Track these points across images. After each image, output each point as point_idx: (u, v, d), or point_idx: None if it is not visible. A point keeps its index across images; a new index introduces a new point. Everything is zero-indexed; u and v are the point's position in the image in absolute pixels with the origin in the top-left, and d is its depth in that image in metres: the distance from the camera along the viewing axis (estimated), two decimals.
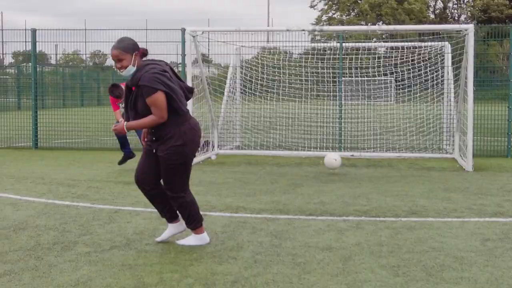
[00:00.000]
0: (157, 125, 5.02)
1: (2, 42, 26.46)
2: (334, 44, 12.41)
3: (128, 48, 4.99)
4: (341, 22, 60.79)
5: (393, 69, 13.27)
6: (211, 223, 6.26)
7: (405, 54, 13.24)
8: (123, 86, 9.64)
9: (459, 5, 66.36)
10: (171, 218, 5.46)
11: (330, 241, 5.54)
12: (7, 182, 8.90)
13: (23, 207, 7.08)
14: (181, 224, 5.48)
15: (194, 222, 5.35)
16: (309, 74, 13.13)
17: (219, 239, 5.59)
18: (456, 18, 65.56)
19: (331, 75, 12.97)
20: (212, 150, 12.46)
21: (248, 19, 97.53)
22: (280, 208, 7.07)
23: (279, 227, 6.08)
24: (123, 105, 10.17)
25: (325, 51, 12.31)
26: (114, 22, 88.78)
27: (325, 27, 10.96)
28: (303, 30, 10.24)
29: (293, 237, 5.67)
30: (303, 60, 13.14)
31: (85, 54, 23.18)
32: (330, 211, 6.89)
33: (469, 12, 62.55)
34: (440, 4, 66.94)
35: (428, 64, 13.21)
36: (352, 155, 12.08)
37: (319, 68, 12.94)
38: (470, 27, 10.01)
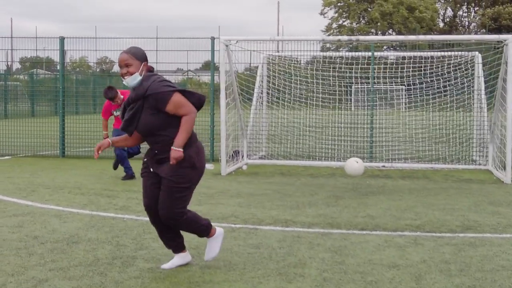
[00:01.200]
0: (164, 146, 4.66)
1: (12, 49, 26.29)
2: (364, 53, 12.30)
3: (138, 55, 4.72)
4: (351, 30, 60.79)
5: (422, 78, 13.15)
6: (264, 237, 6.14)
7: (434, 64, 13.13)
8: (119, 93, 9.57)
9: (468, 13, 66.35)
10: (178, 249, 5.11)
11: (394, 258, 5.41)
12: (44, 193, 8.80)
13: (68, 219, 6.97)
14: (187, 255, 5.16)
15: (206, 230, 5.04)
16: (335, 82, 13.02)
17: (279, 255, 5.47)
18: (466, 26, 65.55)
19: (353, 83, 12.87)
20: (242, 160, 12.35)
21: (254, 26, 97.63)
22: (330, 222, 6.95)
23: (336, 242, 5.96)
24: (117, 113, 10.13)
25: (358, 59, 12.22)
26: (120, 29, 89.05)
27: (361, 37, 10.85)
28: (339, 40, 10.14)
29: (354, 253, 5.55)
30: (331, 69, 13.02)
31: (93, 62, 23.26)
32: (381, 225, 6.77)
33: (479, 21, 62.41)
34: (450, 12, 67.01)
35: (459, 74, 13.09)
36: (384, 166, 11.96)
37: (347, 77, 12.84)
38: (510, 37, 9.90)
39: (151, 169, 4.81)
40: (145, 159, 4.87)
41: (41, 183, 9.71)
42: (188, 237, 5.28)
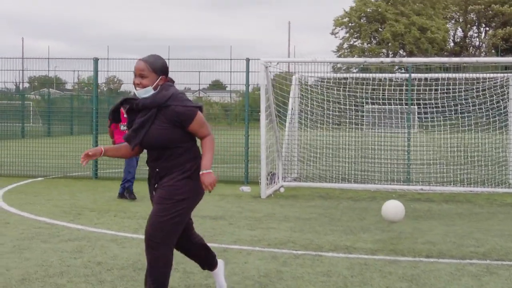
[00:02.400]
0: (168, 162, 4.23)
1: (23, 69, 26.23)
2: (400, 74, 12.22)
3: (157, 67, 4.22)
4: (362, 50, 60.90)
5: (457, 100, 13.04)
6: (331, 264, 6.01)
7: (469, 85, 13.04)
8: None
9: (479, 34, 66.44)
10: (213, 266, 4.81)
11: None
12: (92, 216, 8.69)
13: (126, 244, 6.85)
14: (221, 262, 4.90)
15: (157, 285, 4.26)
16: (368, 103, 12.94)
17: (354, 284, 5.34)
18: (477, 47, 65.58)
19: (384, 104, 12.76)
20: (278, 182, 12.23)
21: (264, 46, 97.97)
22: (392, 248, 6.81)
23: (406, 271, 5.82)
24: (124, 127, 9.94)
25: (393, 81, 12.14)
26: (128, 48, 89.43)
27: (404, 59, 10.77)
28: (381, 62, 10.06)
29: (431, 283, 5.41)
30: (364, 90, 12.94)
31: (102, 82, 23.31)
32: (446, 252, 6.63)
33: (490, 41, 62.45)
34: (460, 33, 67.08)
35: (494, 96, 12.99)
36: (422, 189, 11.82)
37: (380, 99, 12.75)
38: None
39: (154, 193, 4.37)
40: (149, 184, 4.42)
41: (84, 206, 9.59)
42: None
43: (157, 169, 4.28)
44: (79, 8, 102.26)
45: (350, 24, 61.82)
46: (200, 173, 4.18)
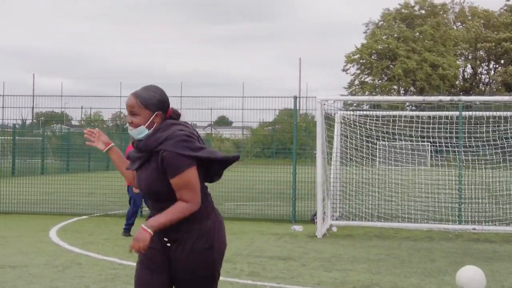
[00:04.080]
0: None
1: (33, 107, 26.25)
2: (451, 113, 12.17)
3: (149, 103, 3.44)
4: (374, 87, 61.17)
5: (509, 134, 12.89)
6: None
7: None
8: None
9: (489, 71, 66.72)
10: None
11: None
12: None
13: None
14: None
15: None
16: (418, 140, 12.85)
17: None
18: (487, 84, 65.80)
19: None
20: (327, 220, 12.08)
21: (273, 82, 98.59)
22: None
23: None
24: None
25: (441, 119, 12.08)
26: (139, 85, 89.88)
27: (463, 98, 10.73)
28: (440, 100, 10.04)
29: None
30: (411, 128, 12.87)
31: (108, 118, 23.30)
32: None
33: (498, 78, 62.74)
34: (469, 69, 67.42)
35: None
36: (474, 229, 11.64)
37: (430, 136, 12.67)
38: None
39: (157, 256, 3.47)
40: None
41: None
42: None
43: (167, 238, 3.45)
44: (85, 44, 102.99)
45: (361, 61, 62.18)
46: (142, 225, 3.35)
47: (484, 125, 12.63)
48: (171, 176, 3.32)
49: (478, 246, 9.96)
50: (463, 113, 12.09)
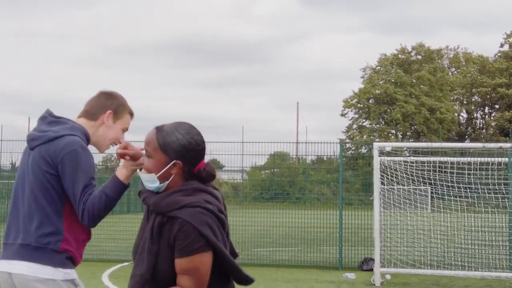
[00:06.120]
0: None
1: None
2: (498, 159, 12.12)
3: (167, 147, 2.60)
4: (372, 131, 61.52)
5: None
6: None
7: None
8: None
9: (484, 116, 67.41)
10: None
11: None
12: None
13: None
14: None
15: None
16: (466, 186, 12.74)
17: None
18: (483, 128, 66.39)
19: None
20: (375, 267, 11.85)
21: (263, 124, 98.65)
22: None
23: None
24: None
25: (490, 164, 12.02)
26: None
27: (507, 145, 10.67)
28: (500, 147, 10.02)
29: None
30: (454, 174, 12.79)
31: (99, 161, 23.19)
32: None
33: (492, 122, 63.39)
34: (464, 114, 67.99)
35: None
36: None
37: (478, 183, 12.59)
38: None
39: None
40: None
41: None
42: None
43: None
44: (72, 88, 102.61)
45: (359, 105, 62.69)
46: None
47: None
48: (179, 255, 2.49)
49: None
50: None
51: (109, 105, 3.39)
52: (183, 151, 2.58)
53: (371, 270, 12.24)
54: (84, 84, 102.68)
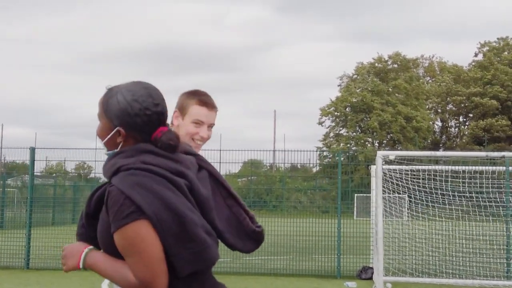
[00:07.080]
0: None
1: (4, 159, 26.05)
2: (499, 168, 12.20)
3: (111, 111, 2.18)
4: (349, 139, 61.85)
5: None
6: None
7: None
8: None
9: (458, 124, 68.22)
10: None
11: None
12: None
13: None
14: None
15: None
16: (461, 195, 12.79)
17: None
18: (458, 137, 67.19)
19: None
20: (373, 276, 11.83)
21: (237, 134, 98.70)
22: None
23: None
24: None
25: (489, 173, 12.08)
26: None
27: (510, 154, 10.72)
28: (503, 156, 10.07)
29: None
30: (449, 182, 12.84)
31: (71, 168, 22.93)
32: None
33: (466, 131, 64.21)
34: (439, 123, 68.76)
35: None
36: None
37: (473, 192, 12.64)
38: None
39: None
40: None
41: None
42: None
43: None
44: (48, 95, 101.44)
45: (336, 113, 62.98)
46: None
47: None
48: (112, 229, 2.04)
49: None
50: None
51: (176, 105, 3.35)
52: (124, 116, 2.15)
53: (370, 278, 12.24)
54: (58, 90, 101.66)
